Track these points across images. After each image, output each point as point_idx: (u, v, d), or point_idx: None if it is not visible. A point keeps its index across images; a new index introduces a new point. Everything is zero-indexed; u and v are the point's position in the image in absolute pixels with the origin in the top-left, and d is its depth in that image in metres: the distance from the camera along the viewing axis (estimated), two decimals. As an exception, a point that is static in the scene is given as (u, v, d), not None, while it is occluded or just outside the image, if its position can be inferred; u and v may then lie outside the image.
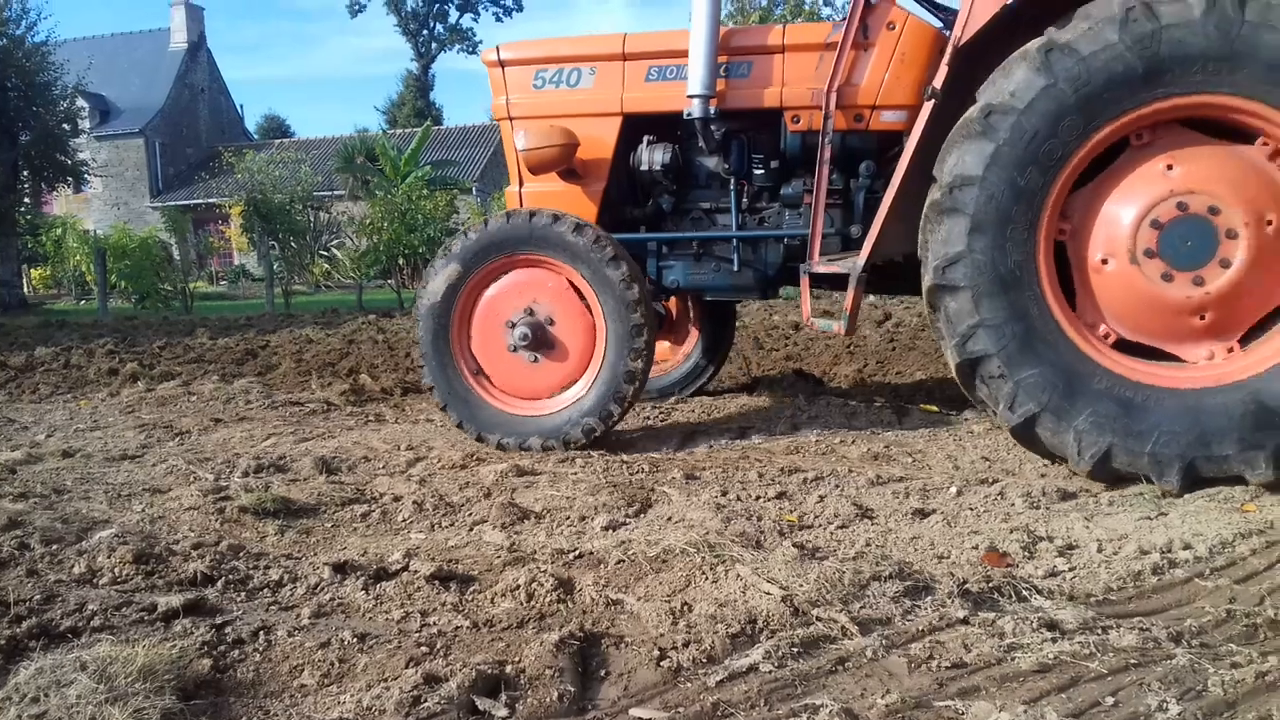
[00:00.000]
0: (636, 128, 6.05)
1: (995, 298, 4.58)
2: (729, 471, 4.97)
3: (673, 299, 7.22)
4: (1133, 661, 2.64)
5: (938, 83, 4.81)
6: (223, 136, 50.72)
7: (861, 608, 3.00)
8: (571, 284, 5.53)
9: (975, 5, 4.70)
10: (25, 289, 32.34)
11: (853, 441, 5.58)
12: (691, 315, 7.41)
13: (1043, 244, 4.58)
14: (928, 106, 4.85)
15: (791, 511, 4.23)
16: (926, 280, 4.74)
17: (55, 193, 38.38)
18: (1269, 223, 4.36)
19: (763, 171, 5.96)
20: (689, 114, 5.69)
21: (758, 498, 4.45)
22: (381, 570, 3.46)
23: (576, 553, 3.63)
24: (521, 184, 6.23)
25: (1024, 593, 3.14)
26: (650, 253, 6.19)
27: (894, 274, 5.68)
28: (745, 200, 6.04)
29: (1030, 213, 4.54)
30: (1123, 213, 4.52)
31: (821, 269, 5.37)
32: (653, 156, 5.97)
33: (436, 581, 3.33)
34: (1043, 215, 4.56)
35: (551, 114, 6.07)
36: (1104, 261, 4.59)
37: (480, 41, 51.48)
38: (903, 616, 2.95)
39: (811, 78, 5.60)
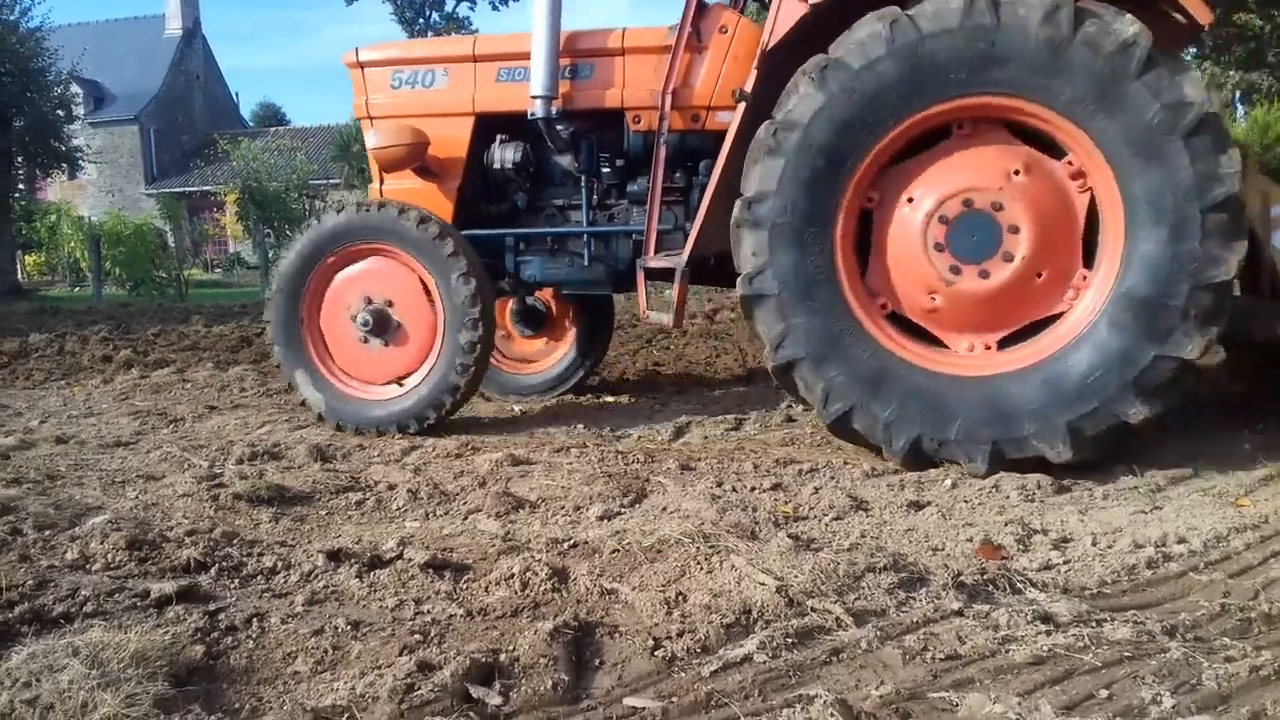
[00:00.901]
0: (489, 127, 6.19)
1: (800, 304, 4.80)
2: (724, 462, 4.97)
3: (551, 296, 7.29)
4: (1127, 655, 2.64)
5: (747, 86, 5.08)
6: (218, 124, 50.49)
7: (856, 599, 3.00)
8: (418, 276, 5.66)
9: (780, 13, 4.94)
10: (19, 275, 32.24)
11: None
12: (570, 313, 7.41)
13: (840, 248, 4.82)
14: (740, 109, 5.09)
15: (787, 503, 4.23)
16: (738, 290, 4.95)
17: (50, 179, 38.23)
18: (1049, 234, 4.65)
19: (610, 170, 6.15)
20: (532, 114, 5.86)
21: (753, 489, 4.44)
22: (376, 558, 3.45)
23: (571, 542, 3.63)
24: (382, 182, 6.39)
25: (1018, 585, 3.14)
26: (508, 248, 6.33)
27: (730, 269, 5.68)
28: (595, 197, 6.21)
29: (825, 221, 4.78)
30: (914, 221, 4.78)
31: (654, 264, 5.56)
32: (505, 155, 6.12)
33: (431, 570, 3.32)
34: (837, 222, 4.80)
35: (408, 114, 6.22)
36: (901, 255, 4.85)
37: (477, 30, 51.36)
38: (897, 608, 2.96)
39: (651, 79, 5.77)
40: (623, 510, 4.13)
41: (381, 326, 5.68)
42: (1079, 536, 3.67)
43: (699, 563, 3.27)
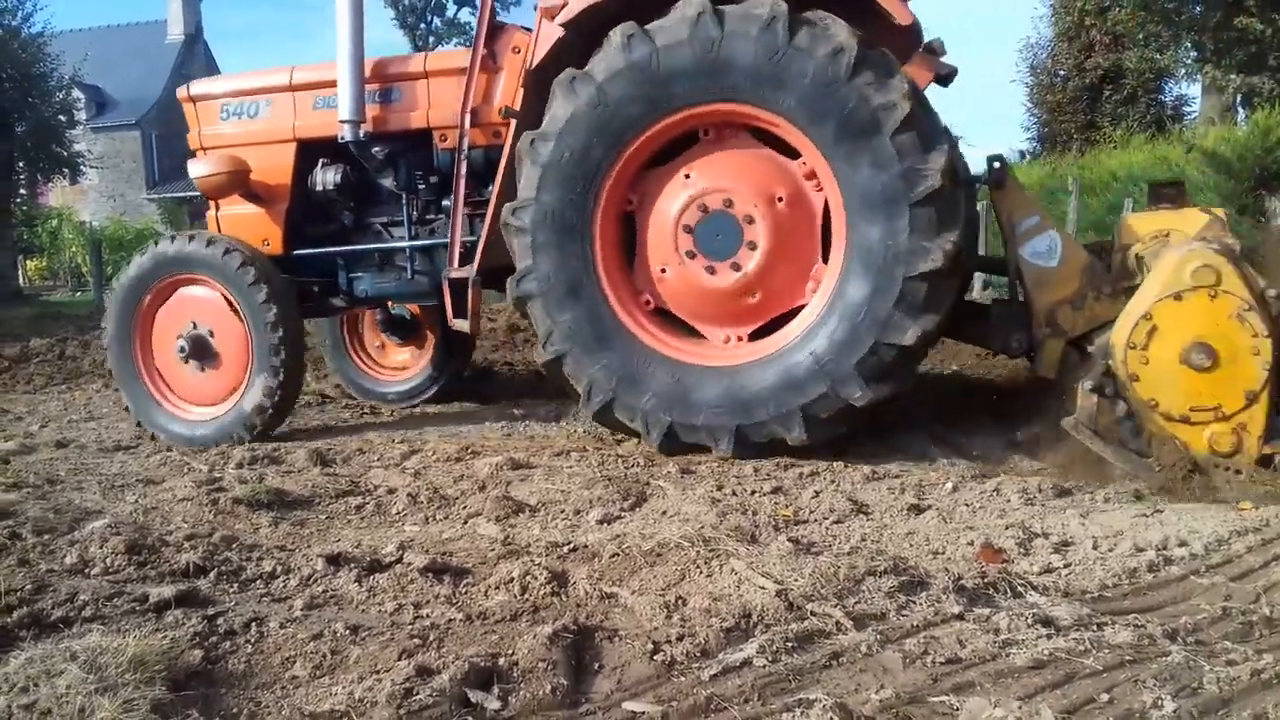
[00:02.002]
0: (311, 152, 6.48)
1: (563, 303, 5.21)
2: (724, 466, 4.97)
3: (417, 308, 7.51)
4: (1128, 658, 2.63)
5: (515, 103, 5.54)
6: (220, 128, 50.47)
7: (856, 603, 2.99)
8: (231, 304, 5.93)
9: (540, 34, 5.42)
10: (21, 280, 32.23)
11: (848, 437, 5.55)
12: (433, 321, 7.54)
13: (600, 250, 5.21)
14: (512, 125, 5.49)
15: (787, 506, 4.22)
16: (508, 292, 5.37)
17: (51, 184, 38.21)
18: (779, 199, 5.04)
19: (425, 187, 6.47)
20: (342, 138, 6.20)
21: (753, 492, 4.44)
22: (375, 562, 3.44)
23: (571, 546, 3.62)
24: (217, 209, 6.69)
25: (1019, 589, 3.13)
26: (340, 266, 6.65)
27: None
28: (415, 213, 6.53)
29: (583, 225, 5.18)
30: (665, 224, 5.19)
31: (455, 275, 5.87)
32: (327, 178, 6.41)
33: (430, 574, 3.31)
34: (594, 225, 5.19)
35: (237, 143, 6.55)
36: (664, 271, 5.25)
37: (479, 35, 51.46)
38: (897, 612, 2.94)
39: (454, 100, 6.05)
40: (622, 514, 4.13)
41: (201, 351, 5.99)
42: (1080, 540, 3.66)
43: (699, 566, 3.26)
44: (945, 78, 6.36)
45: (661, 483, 4.57)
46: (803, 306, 5.13)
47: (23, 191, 29.78)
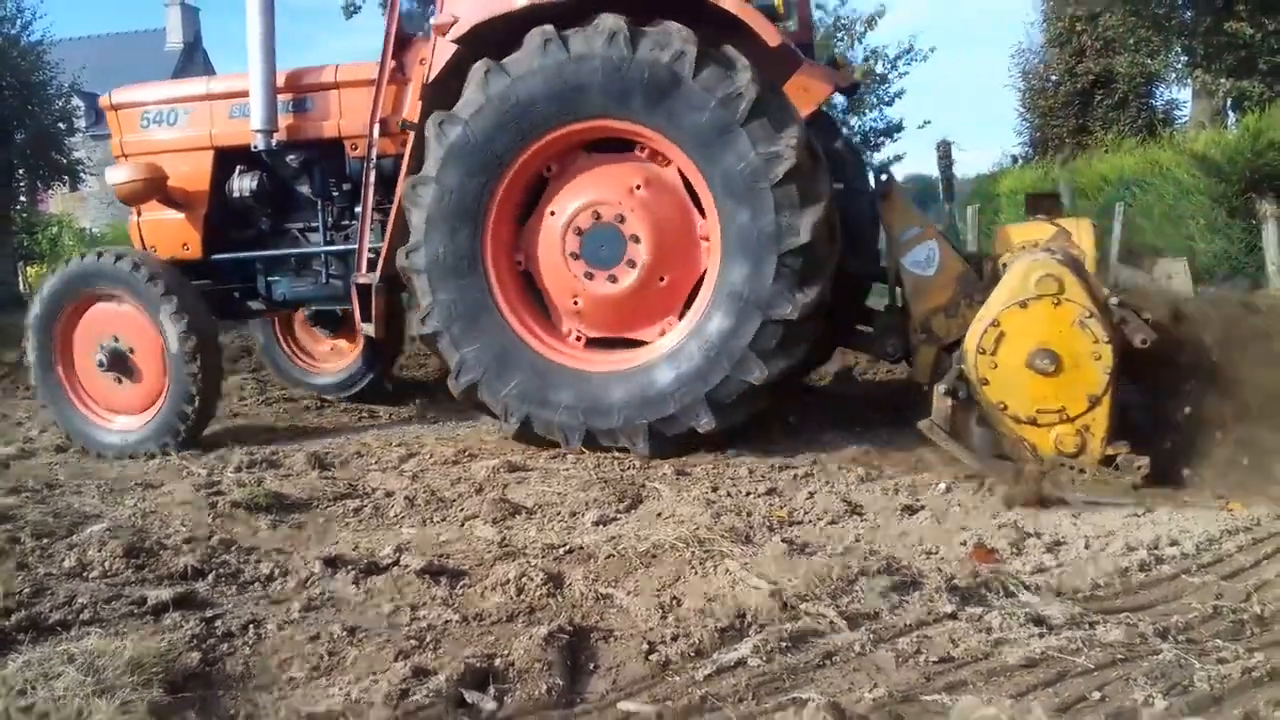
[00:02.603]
0: (228, 159, 6.59)
1: (446, 282, 5.40)
2: (719, 468, 4.98)
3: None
4: (1119, 657, 2.65)
5: (411, 115, 5.71)
6: (217, 135, 50.38)
7: (849, 603, 3.01)
8: (146, 316, 5.97)
9: (436, 51, 5.61)
10: (21, 286, 32.17)
11: (843, 438, 5.58)
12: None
13: (489, 239, 5.40)
14: (410, 136, 5.65)
15: (781, 507, 4.24)
16: (398, 260, 5.54)
17: (51, 191, 38.17)
18: (670, 234, 5.26)
19: (338, 194, 6.61)
20: (255, 146, 6.34)
21: (748, 494, 4.45)
22: (372, 564, 3.46)
23: (567, 547, 3.64)
24: (139, 215, 6.76)
25: (1011, 588, 3.15)
26: (259, 271, 6.77)
27: None
28: (330, 219, 6.66)
29: (477, 209, 5.36)
30: (558, 221, 5.37)
31: (361, 280, 5.99)
32: (243, 184, 6.53)
33: (427, 576, 3.33)
34: (489, 213, 5.38)
35: (157, 151, 6.64)
36: (548, 262, 5.45)
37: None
38: (890, 611, 2.96)
39: (365, 110, 6.16)
40: (618, 516, 4.14)
41: (119, 363, 6.03)
42: (1072, 539, 3.68)
43: (693, 567, 3.28)
44: (847, 90, 6.77)
45: (657, 485, 4.59)
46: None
47: (23, 199, 29.76)
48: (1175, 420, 4.61)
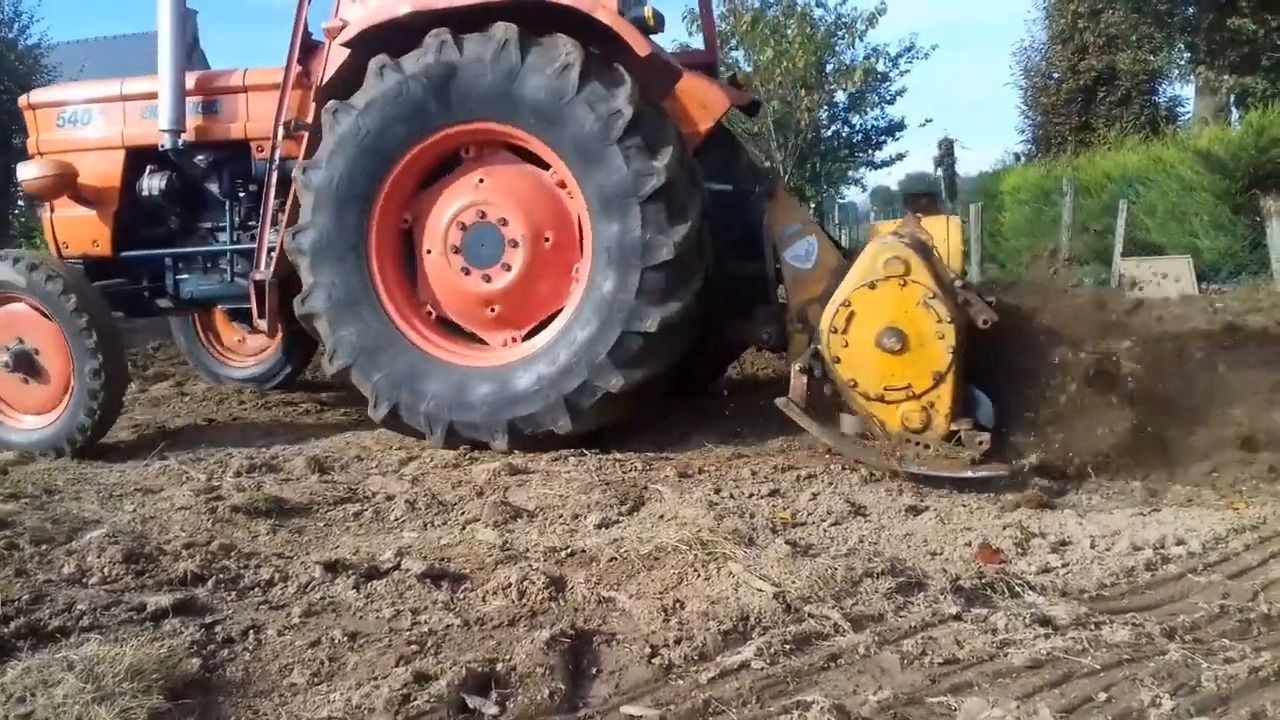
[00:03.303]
0: (140, 159, 6.71)
1: (329, 265, 5.58)
2: (722, 469, 4.96)
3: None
4: (1125, 657, 2.63)
5: (305, 117, 5.97)
6: (217, 138, 50.42)
7: (854, 604, 2.99)
8: (50, 319, 5.99)
9: (330, 55, 5.86)
10: (19, 291, 32.19)
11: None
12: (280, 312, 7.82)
13: (375, 228, 5.59)
14: (303, 137, 5.86)
15: (785, 509, 4.22)
16: (284, 242, 5.75)
17: (49, 195, 38.18)
18: (546, 239, 5.45)
19: (245, 194, 6.75)
20: (162, 146, 6.43)
21: (751, 495, 4.43)
22: (373, 569, 3.44)
23: (569, 550, 3.62)
24: (52, 211, 6.84)
25: (1017, 589, 3.13)
26: (167, 268, 6.86)
27: None
28: (238, 219, 6.77)
29: (364, 198, 5.54)
30: (443, 213, 5.56)
31: (258, 277, 6.14)
32: (153, 183, 6.64)
33: (428, 580, 3.31)
34: (375, 202, 5.56)
35: (71, 149, 6.77)
36: (429, 251, 5.63)
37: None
38: (895, 613, 2.95)
39: (271, 113, 6.28)
40: (620, 518, 4.12)
41: (25, 364, 6.04)
42: (1077, 539, 3.66)
43: (696, 570, 3.26)
44: (747, 107, 7.18)
45: (659, 487, 4.57)
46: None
47: (21, 203, 29.76)
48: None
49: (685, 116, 5.99)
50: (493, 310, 5.59)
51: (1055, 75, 30.09)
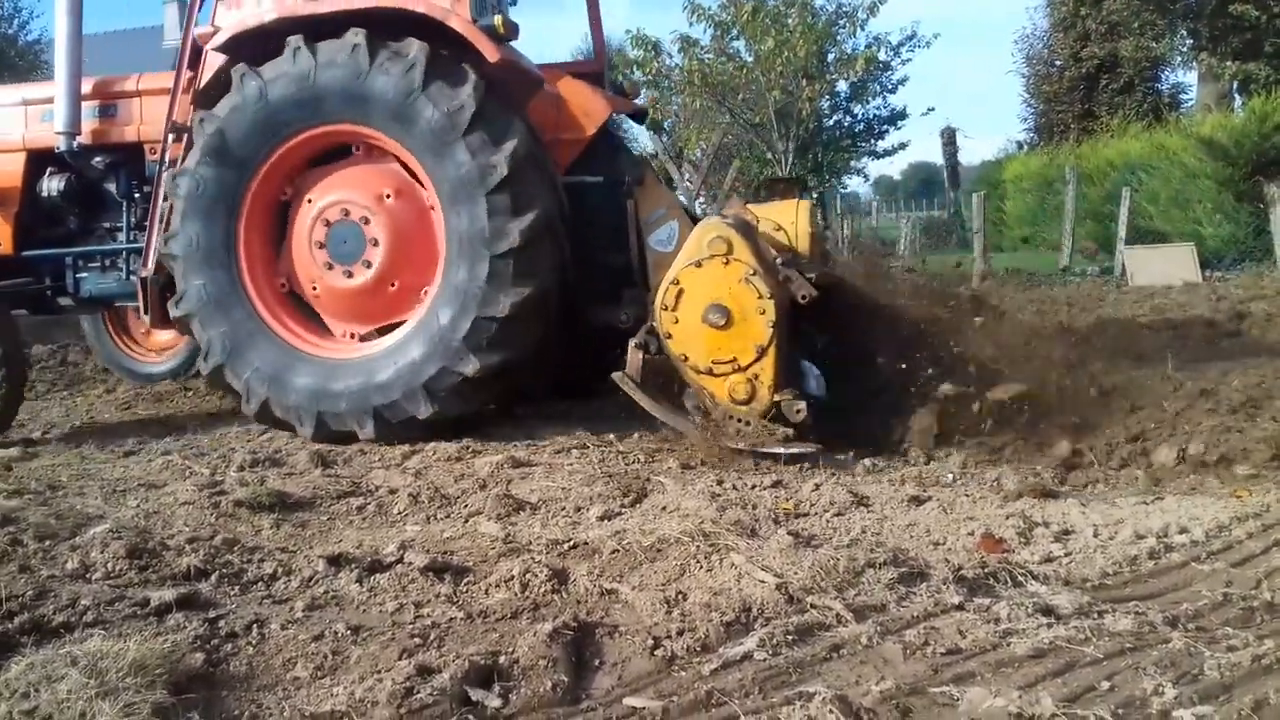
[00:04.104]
0: (40, 161, 6.94)
1: (199, 268, 5.83)
2: (725, 460, 4.96)
3: None
4: (1128, 646, 2.63)
5: (186, 121, 6.11)
6: (219, 133, 50.34)
7: (856, 595, 2.99)
8: None
9: (207, 62, 6.11)
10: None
11: (849, 430, 5.54)
12: None
13: (242, 231, 5.84)
14: (185, 139, 6.07)
15: (787, 500, 4.22)
16: (158, 247, 6.00)
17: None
18: (402, 227, 5.70)
19: (139, 195, 6.93)
20: (59, 149, 6.65)
21: (753, 486, 4.43)
22: (376, 562, 3.45)
23: (571, 543, 3.62)
24: None
25: (1020, 578, 3.13)
26: (68, 267, 7.05)
27: None
28: (135, 219, 6.95)
29: (230, 202, 5.80)
30: (310, 210, 5.81)
31: (142, 274, 6.34)
32: (52, 185, 6.89)
33: (431, 573, 3.31)
34: (242, 206, 5.83)
35: None
36: (298, 245, 5.87)
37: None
38: (898, 603, 2.94)
39: (164, 117, 6.43)
40: (623, 510, 4.13)
41: None
42: (1080, 528, 3.66)
43: (699, 561, 3.26)
44: (635, 115, 7.60)
45: (662, 478, 4.57)
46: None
47: (22, 198, 29.75)
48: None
49: (570, 123, 6.38)
50: (363, 300, 5.83)
51: (1057, 63, 30.04)
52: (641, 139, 26.26)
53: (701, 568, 3.22)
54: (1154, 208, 17.19)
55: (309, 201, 5.85)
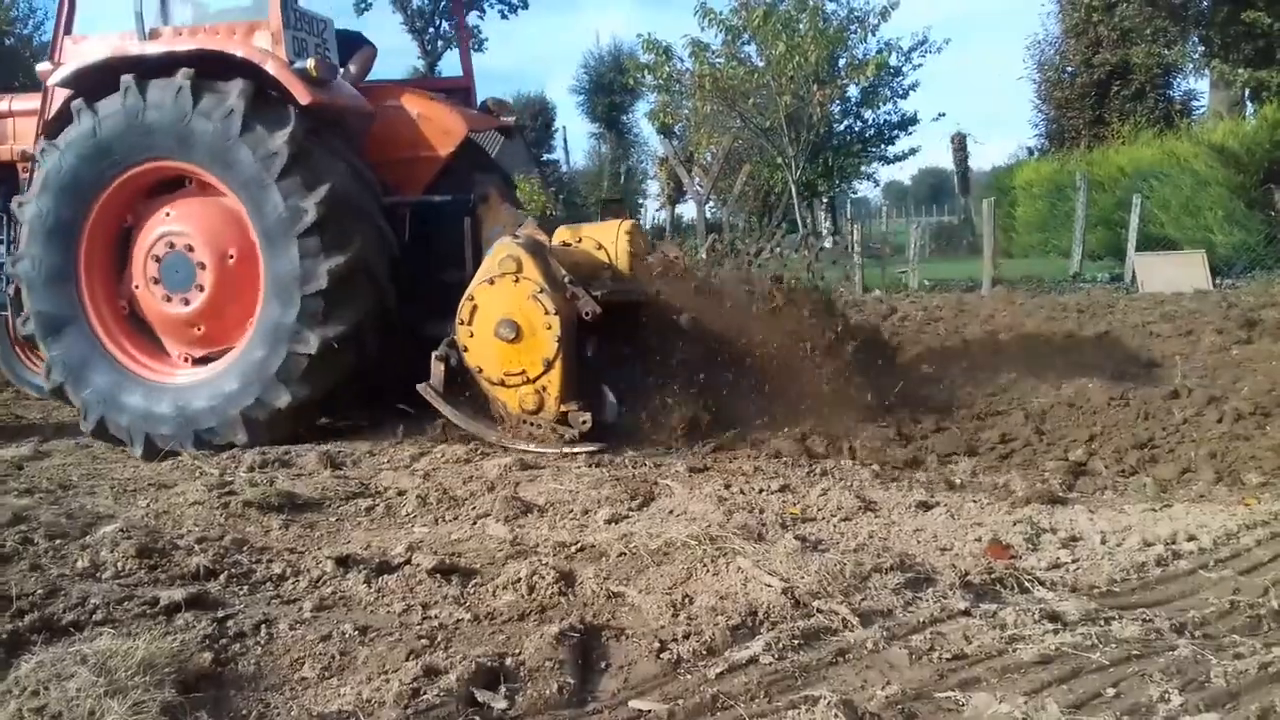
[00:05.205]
0: None
1: (43, 292, 6.11)
2: (732, 465, 4.96)
3: None
4: (1135, 653, 2.62)
5: (33, 149, 6.43)
6: (231, 135, 50.51)
7: (862, 599, 2.99)
8: None
9: (52, 98, 6.38)
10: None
11: (857, 434, 5.55)
12: None
13: (82, 256, 6.11)
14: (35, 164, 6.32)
15: (794, 504, 4.22)
16: (5, 268, 6.37)
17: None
18: (230, 257, 5.93)
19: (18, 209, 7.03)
20: None
21: (760, 490, 4.43)
22: (384, 564, 3.46)
23: (578, 546, 3.63)
24: None
25: (1026, 584, 3.13)
26: None
27: None
28: (13, 234, 7.01)
29: (70, 229, 6.06)
30: (142, 248, 6.09)
31: (10, 290, 6.61)
32: None
33: (438, 574, 3.32)
34: (81, 233, 6.09)
35: None
36: (137, 287, 6.14)
37: (487, 39, 51.48)
38: (904, 608, 2.94)
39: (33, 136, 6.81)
40: (630, 513, 4.13)
41: None
42: (1088, 535, 3.65)
43: (705, 565, 3.27)
44: (505, 131, 7.67)
45: (669, 482, 4.58)
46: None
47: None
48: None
49: (427, 142, 6.64)
50: (198, 330, 6.10)
51: (1069, 69, 29.96)
52: (652, 142, 26.28)
53: (708, 571, 3.22)
54: (1165, 215, 17.14)
55: (145, 231, 6.10)
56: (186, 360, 6.20)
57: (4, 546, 3.58)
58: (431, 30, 50.68)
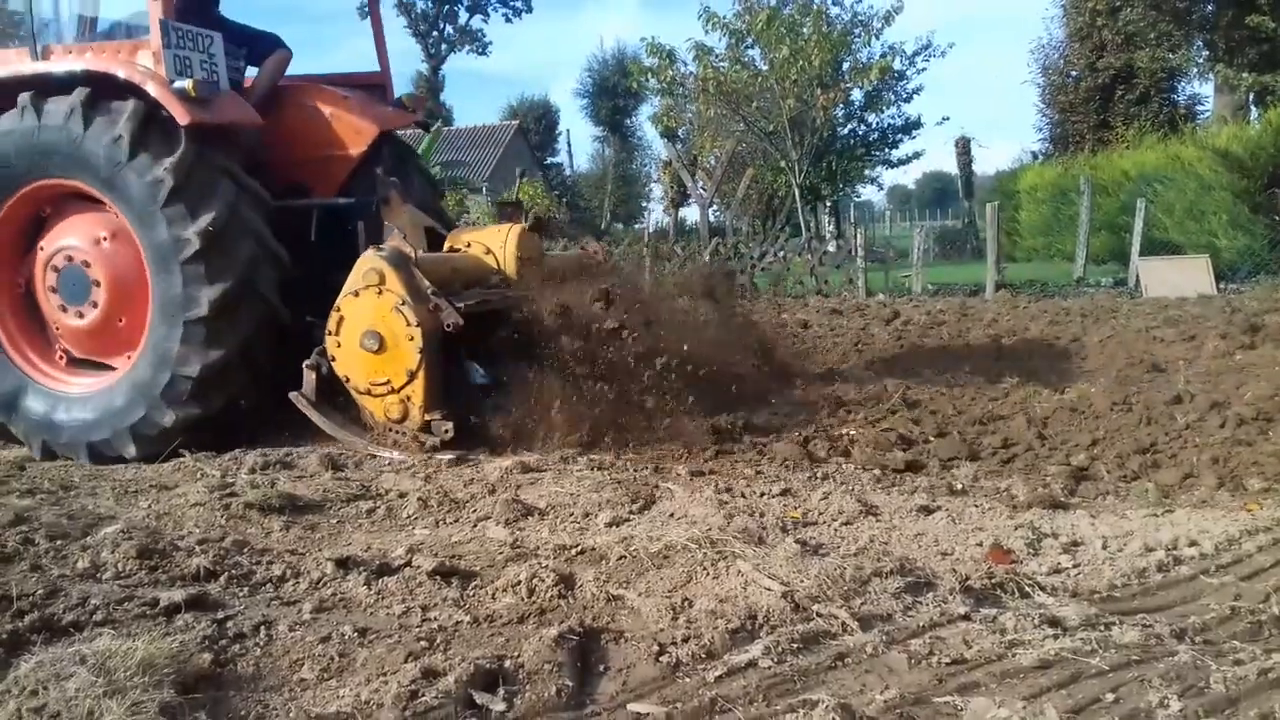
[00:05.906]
0: None
1: None
2: (734, 469, 4.97)
3: None
4: (1135, 658, 2.62)
5: None
6: (236, 137, 50.55)
7: (862, 604, 2.98)
8: None
9: None
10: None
11: (860, 438, 5.55)
12: None
13: None
14: None
15: (795, 508, 4.21)
16: None
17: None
18: (104, 241, 5.99)
19: None
20: None
21: (761, 494, 4.43)
22: (384, 566, 3.46)
23: (579, 549, 3.63)
24: None
25: (1027, 589, 3.12)
26: None
27: None
28: None
29: None
30: (43, 255, 6.13)
31: None
32: None
33: (438, 577, 3.33)
34: None
35: None
36: (39, 295, 6.19)
37: (490, 43, 51.51)
38: (903, 613, 2.94)
39: None
40: (631, 517, 4.13)
41: None
42: (1089, 540, 3.64)
43: (705, 568, 3.27)
44: (421, 125, 8.04)
45: (670, 485, 4.58)
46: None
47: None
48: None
49: (340, 141, 6.69)
50: (93, 343, 6.16)
51: (1073, 73, 29.95)
52: (655, 146, 26.30)
53: (708, 575, 3.22)
54: (1169, 219, 17.11)
55: (41, 249, 6.15)
56: (61, 358, 6.28)
57: (5, 547, 3.59)
58: (435, 34, 50.76)
